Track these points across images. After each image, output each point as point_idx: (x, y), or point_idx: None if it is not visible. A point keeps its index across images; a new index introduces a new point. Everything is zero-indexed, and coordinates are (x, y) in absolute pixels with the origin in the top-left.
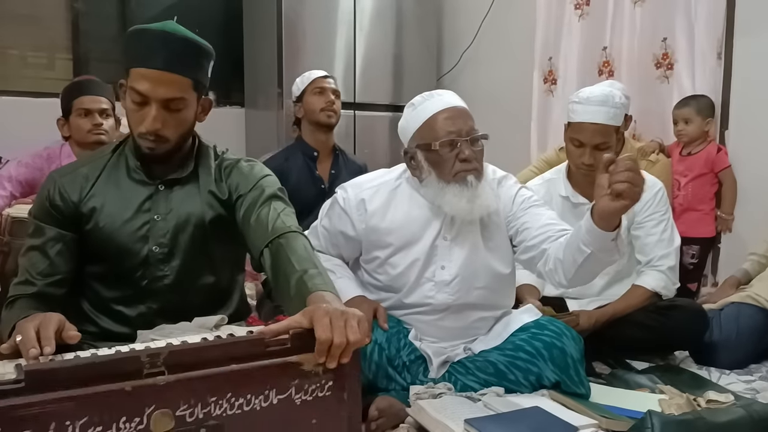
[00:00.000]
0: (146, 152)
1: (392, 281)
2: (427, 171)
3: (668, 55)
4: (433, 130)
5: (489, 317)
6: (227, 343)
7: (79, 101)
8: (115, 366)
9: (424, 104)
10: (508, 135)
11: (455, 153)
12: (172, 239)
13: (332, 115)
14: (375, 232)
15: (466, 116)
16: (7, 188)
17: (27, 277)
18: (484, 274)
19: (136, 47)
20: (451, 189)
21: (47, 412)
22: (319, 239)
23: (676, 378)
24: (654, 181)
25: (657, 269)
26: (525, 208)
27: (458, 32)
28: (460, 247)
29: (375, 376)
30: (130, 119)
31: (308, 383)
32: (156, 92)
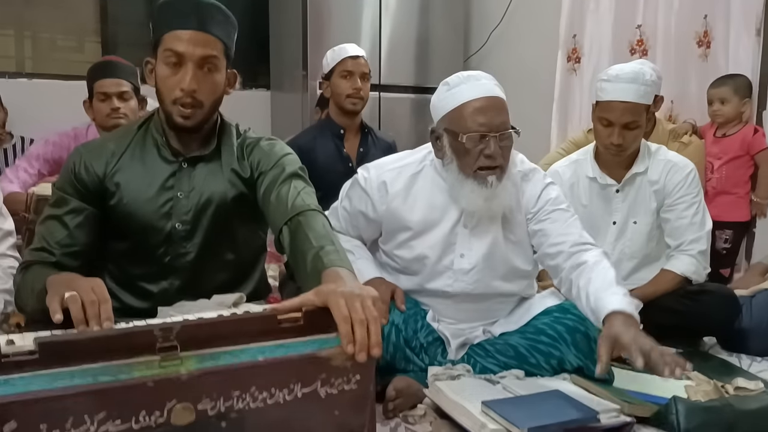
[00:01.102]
0: (179, 122)
1: (410, 265)
2: (449, 157)
3: (708, 33)
4: (463, 119)
5: (509, 302)
6: (240, 318)
7: (98, 84)
8: (129, 339)
9: (459, 87)
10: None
11: (481, 147)
12: (194, 217)
13: (357, 102)
14: (395, 215)
15: (500, 108)
16: (35, 166)
17: (44, 245)
18: (504, 266)
19: (168, 13)
20: (469, 184)
21: (64, 406)
22: (339, 220)
23: (704, 364)
24: (685, 163)
25: (687, 253)
26: (547, 212)
27: (487, 10)
28: (480, 237)
29: (393, 358)
30: (164, 86)
31: (335, 376)
32: (192, 51)
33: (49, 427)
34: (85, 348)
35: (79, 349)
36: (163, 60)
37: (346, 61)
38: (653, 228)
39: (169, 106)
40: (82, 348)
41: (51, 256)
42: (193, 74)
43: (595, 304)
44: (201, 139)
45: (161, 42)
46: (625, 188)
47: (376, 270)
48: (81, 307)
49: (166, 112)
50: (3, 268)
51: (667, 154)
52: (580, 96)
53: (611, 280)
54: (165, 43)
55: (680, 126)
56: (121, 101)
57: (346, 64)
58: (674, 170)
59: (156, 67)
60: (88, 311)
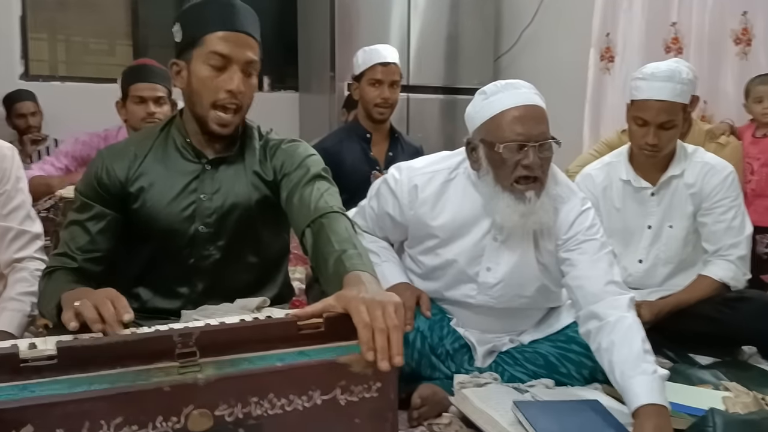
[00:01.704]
0: (215, 129)
1: (432, 271)
2: (485, 169)
3: (747, 31)
4: (500, 128)
5: (534, 315)
6: (260, 324)
7: (135, 87)
8: (148, 345)
9: (497, 95)
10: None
11: (519, 158)
12: (218, 219)
13: (385, 111)
14: (422, 221)
15: (540, 118)
16: (62, 161)
17: (66, 251)
18: (532, 285)
19: (206, 14)
20: (506, 198)
21: (81, 411)
22: (366, 219)
23: (743, 374)
24: (724, 165)
25: (725, 259)
26: (578, 241)
27: (518, 9)
28: (510, 252)
29: (418, 365)
30: (204, 88)
31: (355, 384)
32: (240, 53)
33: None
34: (104, 353)
35: (98, 354)
36: (204, 61)
37: (376, 68)
38: (690, 232)
39: (206, 110)
40: (101, 353)
41: (73, 261)
42: (240, 76)
43: (622, 383)
44: (225, 141)
45: (201, 43)
46: (660, 191)
47: (402, 274)
48: (94, 309)
49: (201, 116)
50: (30, 271)
51: (705, 156)
52: (612, 95)
53: (638, 351)
54: (208, 45)
55: (717, 126)
56: (157, 106)
57: (376, 72)
58: (712, 173)
59: (191, 68)
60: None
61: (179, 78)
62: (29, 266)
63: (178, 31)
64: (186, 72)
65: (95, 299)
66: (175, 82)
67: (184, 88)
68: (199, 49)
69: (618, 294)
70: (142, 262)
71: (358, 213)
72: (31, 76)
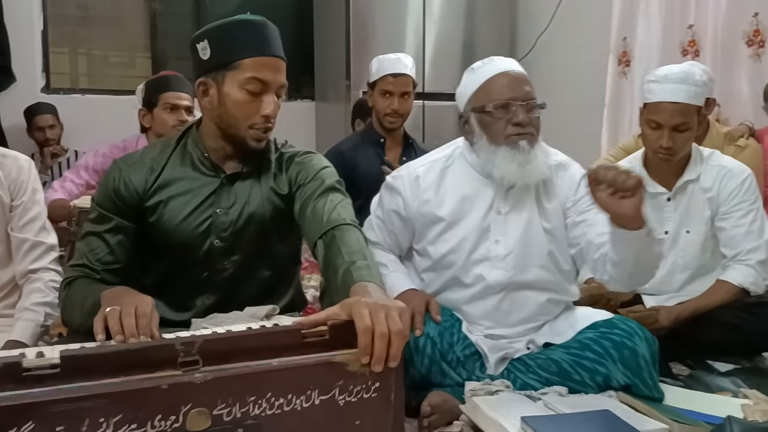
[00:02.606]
0: (254, 146)
1: (445, 258)
2: (479, 134)
3: (760, 32)
4: (489, 92)
5: (550, 303)
6: (264, 332)
7: (166, 96)
8: (150, 353)
9: (482, 68)
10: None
11: (509, 116)
12: (233, 233)
13: (395, 122)
14: (428, 208)
15: (524, 82)
16: (83, 177)
17: (85, 262)
18: (540, 252)
19: (247, 36)
20: (502, 152)
21: (81, 408)
22: (375, 230)
23: (762, 382)
24: (741, 168)
25: (745, 263)
26: (591, 201)
27: (533, 15)
28: (515, 221)
29: (428, 371)
30: (241, 112)
31: (353, 384)
32: (276, 79)
33: (65, 429)
34: (107, 362)
35: (101, 363)
36: (241, 85)
37: (386, 79)
38: (707, 238)
39: (243, 131)
40: (104, 362)
41: (94, 272)
42: (275, 100)
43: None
44: (244, 156)
45: (237, 66)
46: (676, 196)
47: (410, 281)
48: (118, 320)
49: (237, 137)
50: (45, 282)
51: (721, 159)
52: (630, 100)
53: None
54: (246, 69)
55: (736, 129)
56: (188, 114)
57: (387, 83)
58: (729, 176)
59: (224, 90)
60: (124, 324)
61: (207, 97)
62: (44, 277)
63: (205, 49)
64: (216, 92)
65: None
66: (200, 100)
67: (212, 107)
68: (234, 72)
69: None
70: (156, 274)
71: (366, 227)
72: (52, 89)
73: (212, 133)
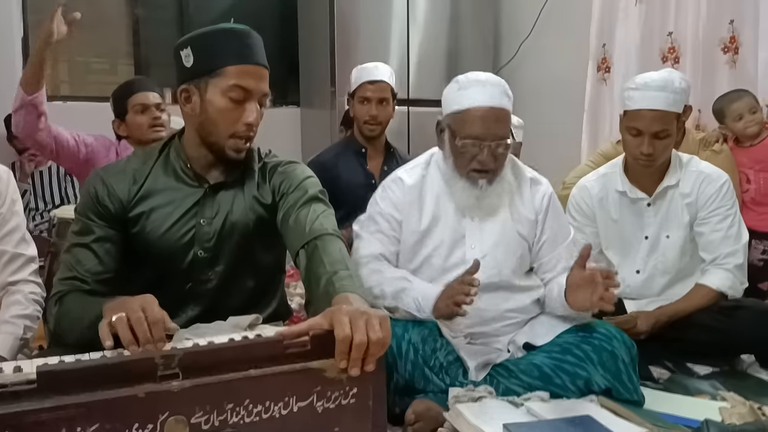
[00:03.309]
0: (232, 156)
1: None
2: (448, 152)
3: (735, 39)
4: (463, 124)
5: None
6: (245, 344)
7: (134, 98)
8: (129, 367)
9: (468, 90)
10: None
11: (474, 153)
12: (216, 244)
13: (374, 129)
14: (411, 211)
15: (501, 119)
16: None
17: (75, 274)
18: (515, 256)
19: (230, 44)
20: (461, 182)
21: (57, 418)
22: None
23: (740, 384)
24: (719, 174)
25: (723, 267)
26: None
27: (516, 22)
28: (489, 226)
29: (412, 377)
30: (223, 120)
31: (331, 390)
32: (260, 87)
33: None
34: (84, 377)
35: (79, 378)
36: (223, 92)
37: (365, 86)
38: (686, 242)
39: (223, 139)
40: (82, 377)
41: (85, 284)
42: (258, 109)
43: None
44: (227, 166)
45: (220, 74)
46: (656, 202)
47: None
48: (128, 328)
49: (217, 145)
50: (24, 294)
51: (699, 165)
52: (610, 106)
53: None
54: (229, 77)
55: (710, 134)
56: (159, 111)
57: (365, 90)
58: (707, 181)
59: (207, 97)
60: (137, 331)
61: (189, 104)
62: (23, 289)
63: (188, 56)
64: (198, 98)
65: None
66: (182, 107)
67: (194, 114)
68: (216, 79)
69: None
70: (140, 285)
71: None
72: None
73: (193, 141)
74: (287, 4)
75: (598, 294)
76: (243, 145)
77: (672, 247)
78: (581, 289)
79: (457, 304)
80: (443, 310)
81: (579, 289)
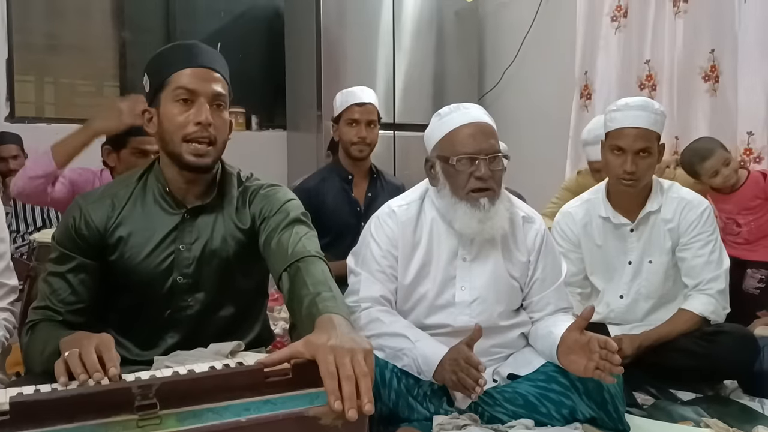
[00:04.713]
0: (191, 161)
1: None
2: (443, 182)
3: (716, 68)
4: (453, 143)
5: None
6: (224, 373)
7: (137, 140)
8: (106, 397)
9: (450, 115)
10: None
11: (471, 170)
12: (196, 269)
13: (363, 150)
14: (406, 246)
15: (489, 133)
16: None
17: (48, 304)
18: (505, 298)
19: (171, 57)
20: (462, 207)
21: None
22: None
23: (724, 410)
24: (699, 200)
25: (705, 293)
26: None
27: (500, 50)
28: (480, 268)
29: (396, 405)
30: (173, 125)
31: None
32: (205, 87)
33: None
34: (60, 407)
35: (54, 408)
36: (172, 99)
37: (352, 109)
38: (669, 267)
39: (179, 146)
40: (56, 407)
41: (57, 314)
42: (207, 108)
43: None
44: (203, 188)
45: (168, 83)
46: (639, 227)
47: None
48: (79, 360)
49: (176, 154)
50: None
51: (680, 192)
52: None
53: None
54: (174, 82)
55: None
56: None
57: (353, 112)
58: (688, 208)
59: (161, 110)
60: (85, 362)
61: (151, 125)
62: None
63: (146, 82)
64: (156, 117)
65: (84, 350)
66: (147, 130)
67: (155, 133)
68: (166, 90)
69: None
70: (120, 312)
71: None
72: (16, 117)
73: (165, 160)
74: (274, 28)
75: (593, 363)
76: (202, 148)
77: (655, 272)
78: (575, 353)
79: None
80: (448, 383)
81: (573, 353)
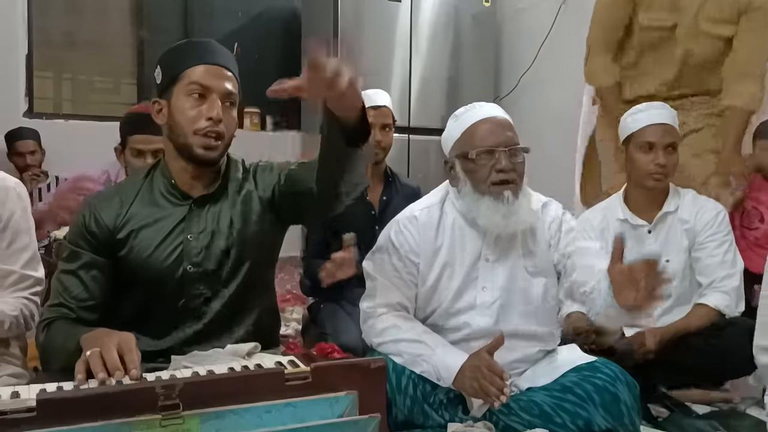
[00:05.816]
0: (200, 153)
1: (430, 305)
2: (463, 181)
3: None
4: (472, 138)
5: (535, 353)
6: (246, 375)
7: (133, 139)
8: (130, 397)
9: (466, 114)
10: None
11: (492, 163)
12: (205, 258)
13: (378, 153)
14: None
15: (507, 127)
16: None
17: (61, 301)
18: (522, 300)
19: (190, 51)
20: (486, 201)
21: None
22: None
23: (739, 424)
24: (714, 204)
25: (720, 290)
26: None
27: (517, 55)
28: (500, 268)
29: (411, 412)
30: (185, 118)
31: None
32: (219, 84)
33: None
34: (85, 406)
35: (79, 406)
36: (185, 93)
37: (368, 112)
38: (686, 267)
39: (189, 138)
40: (82, 406)
41: (70, 312)
42: (219, 104)
43: None
44: (208, 179)
45: (182, 77)
46: (656, 227)
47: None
48: (100, 359)
49: (186, 146)
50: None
51: (697, 196)
52: None
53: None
54: (188, 77)
55: None
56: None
57: (368, 115)
58: (704, 209)
59: (173, 102)
60: (106, 360)
61: (160, 115)
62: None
63: (158, 74)
64: (167, 108)
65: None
66: (156, 120)
67: (165, 123)
68: (179, 84)
69: None
70: (133, 305)
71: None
72: (35, 113)
73: (172, 152)
74: (291, 29)
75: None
76: (212, 142)
77: (673, 271)
78: (623, 286)
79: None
80: (468, 390)
81: (622, 287)
